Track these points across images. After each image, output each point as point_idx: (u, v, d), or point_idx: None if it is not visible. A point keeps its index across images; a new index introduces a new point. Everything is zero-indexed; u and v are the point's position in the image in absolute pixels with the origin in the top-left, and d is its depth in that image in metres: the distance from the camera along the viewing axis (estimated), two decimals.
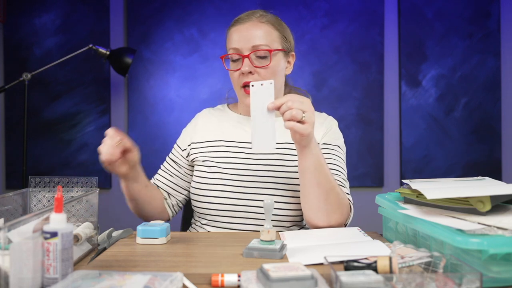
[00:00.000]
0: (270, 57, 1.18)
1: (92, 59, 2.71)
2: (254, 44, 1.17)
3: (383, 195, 1.07)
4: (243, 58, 1.17)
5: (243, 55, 1.17)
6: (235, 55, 1.19)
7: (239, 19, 1.23)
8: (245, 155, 1.23)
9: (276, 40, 1.21)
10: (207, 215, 1.22)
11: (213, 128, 1.31)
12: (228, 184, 1.20)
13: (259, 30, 1.19)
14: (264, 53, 1.17)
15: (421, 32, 2.80)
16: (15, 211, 0.98)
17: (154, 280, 0.67)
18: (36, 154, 2.74)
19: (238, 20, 1.23)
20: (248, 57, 1.17)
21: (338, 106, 2.77)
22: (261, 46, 1.17)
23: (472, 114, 2.80)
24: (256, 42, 1.17)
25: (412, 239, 0.89)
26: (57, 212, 0.68)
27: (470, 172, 2.76)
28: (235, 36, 1.20)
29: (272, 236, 0.88)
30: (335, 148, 1.25)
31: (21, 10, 2.74)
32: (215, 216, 1.21)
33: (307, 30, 2.77)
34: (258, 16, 1.21)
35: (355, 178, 2.73)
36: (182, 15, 2.77)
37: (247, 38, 1.18)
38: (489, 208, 0.82)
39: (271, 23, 1.21)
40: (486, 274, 0.69)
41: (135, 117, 2.77)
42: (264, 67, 1.18)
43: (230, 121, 1.31)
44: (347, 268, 0.74)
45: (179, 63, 2.77)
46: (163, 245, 0.98)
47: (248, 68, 1.17)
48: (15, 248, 0.62)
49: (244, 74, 1.18)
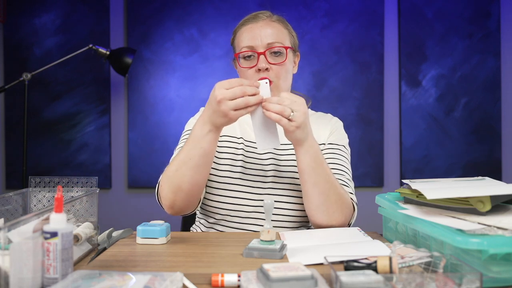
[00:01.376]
0: (286, 53, 1.20)
1: (92, 59, 2.71)
2: (269, 41, 1.18)
3: (383, 195, 1.07)
4: (258, 55, 1.18)
5: (258, 52, 1.18)
6: (249, 52, 1.19)
7: (249, 19, 1.24)
8: (256, 155, 1.23)
9: (287, 38, 1.23)
10: (216, 214, 1.21)
11: None
12: (241, 184, 1.20)
13: (272, 29, 1.21)
14: (278, 50, 1.19)
15: (421, 32, 2.80)
16: (15, 211, 0.98)
17: (154, 280, 0.67)
18: (36, 154, 2.74)
19: (248, 19, 1.24)
20: (264, 54, 1.18)
21: (338, 106, 2.77)
22: (276, 44, 1.19)
23: (472, 114, 2.80)
24: (271, 40, 1.18)
25: (412, 239, 0.89)
26: (57, 212, 0.68)
27: (470, 172, 2.76)
28: (248, 34, 1.20)
29: (272, 236, 0.88)
30: (340, 148, 1.26)
31: (21, 10, 2.74)
32: (224, 216, 1.20)
33: (307, 30, 2.77)
34: (268, 16, 1.24)
35: (355, 178, 2.70)
36: (182, 15, 2.77)
37: (261, 36, 1.19)
38: (489, 208, 0.82)
39: (281, 22, 1.25)
40: (486, 274, 0.69)
41: (135, 117, 2.77)
42: (279, 63, 1.19)
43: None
44: (347, 268, 0.74)
45: (179, 63, 2.77)
46: (163, 245, 0.98)
47: (264, 64, 1.17)
48: (15, 248, 0.62)
49: (261, 71, 1.18)
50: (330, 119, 1.34)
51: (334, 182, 1.09)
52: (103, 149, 2.77)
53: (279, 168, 1.22)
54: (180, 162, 1.07)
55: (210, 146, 1.06)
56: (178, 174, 1.07)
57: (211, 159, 1.10)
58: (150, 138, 2.77)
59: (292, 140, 1.05)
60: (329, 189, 1.08)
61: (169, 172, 1.09)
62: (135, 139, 2.77)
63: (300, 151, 1.06)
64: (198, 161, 1.06)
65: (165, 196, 1.10)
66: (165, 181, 1.10)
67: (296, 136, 1.02)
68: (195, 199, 1.13)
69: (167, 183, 1.09)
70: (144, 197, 2.79)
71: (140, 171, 2.76)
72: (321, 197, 1.08)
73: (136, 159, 2.76)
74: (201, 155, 1.06)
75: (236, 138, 1.26)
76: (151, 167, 2.76)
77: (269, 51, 1.18)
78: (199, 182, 1.10)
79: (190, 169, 1.06)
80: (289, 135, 1.03)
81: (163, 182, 1.11)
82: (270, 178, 1.21)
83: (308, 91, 2.76)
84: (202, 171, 1.09)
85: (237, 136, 1.26)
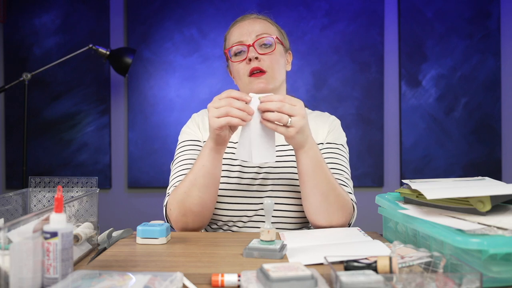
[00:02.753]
0: (274, 44, 1.22)
1: (92, 59, 2.71)
2: (257, 34, 1.21)
3: (383, 195, 1.07)
4: (248, 47, 1.20)
5: (247, 45, 1.20)
6: (239, 46, 1.22)
7: (237, 20, 1.29)
8: None
9: (275, 31, 1.27)
10: (219, 221, 1.21)
11: None
12: (240, 189, 1.19)
13: (260, 23, 1.25)
14: (267, 40, 1.21)
15: (421, 32, 2.80)
16: (15, 211, 0.98)
17: (154, 280, 0.67)
18: (36, 154, 2.74)
19: (236, 21, 1.29)
20: (253, 45, 1.20)
21: (338, 106, 2.77)
22: (264, 35, 1.21)
23: (472, 114, 2.80)
24: (259, 32, 1.22)
25: (412, 239, 0.89)
26: (57, 212, 0.68)
27: (470, 172, 2.76)
28: (236, 32, 1.24)
29: (272, 236, 0.88)
30: (339, 147, 1.26)
31: (21, 10, 2.75)
32: (227, 222, 1.20)
33: (307, 30, 2.78)
34: (255, 14, 1.29)
35: (355, 178, 2.73)
36: (182, 15, 2.77)
37: (249, 30, 1.22)
38: (489, 208, 0.82)
39: (269, 20, 1.29)
40: (486, 274, 0.69)
41: (135, 117, 2.77)
42: (269, 53, 1.20)
43: None
44: (347, 268, 0.74)
45: (179, 63, 2.77)
46: (163, 245, 0.98)
47: (254, 53, 1.19)
48: (15, 248, 0.62)
49: (251, 61, 1.19)
50: (327, 117, 1.33)
51: (334, 183, 1.09)
52: (103, 149, 2.77)
53: (278, 170, 1.21)
54: (187, 184, 1.09)
55: (212, 165, 1.07)
56: (186, 196, 1.09)
57: (216, 179, 1.10)
58: (150, 138, 2.77)
59: (291, 144, 1.05)
60: (329, 190, 1.07)
61: (178, 196, 1.10)
62: (135, 139, 2.77)
63: (300, 154, 1.06)
64: (204, 181, 1.08)
65: (176, 219, 1.12)
66: (173, 205, 1.12)
67: (296, 140, 1.02)
68: (205, 219, 1.14)
69: (176, 206, 1.11)
70: (144, 197, 2.79)
71: (140, 171, 2.76)
72: (321, 198, 1.07)
73: (136, 159, 2.76)
74: (204, 176, 1.07)
75: (232, 143, 1.26)
76: (151, 167, 2.76)
77: (257, 43, 1.21)
78: (207, 203, 1.11)
79: (197, 190, 1.08)
80: (289, 139, 1.03)
81: (171, 205, 1.12)
82: (270, 180, 1.20)
83: (308, 91, 2.76)
84: (210, 192, 1.10)
85: (233, 141, 1.26)
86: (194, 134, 1.28)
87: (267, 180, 1.21)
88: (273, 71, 1.20)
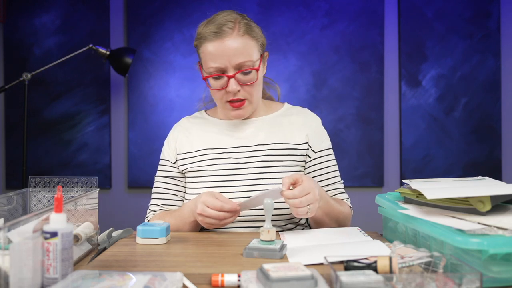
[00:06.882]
0: (257, 74, 1.17)
1: (92, 59, 2.71)
2: (238, 62, 1.13)
3: (383, 195, 1.07)
4: (228, 78, 1.14)
5: (228, 76, 1.14)
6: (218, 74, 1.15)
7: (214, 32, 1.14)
8: (233, 160, 1.22)
9: (256, 50, 1.17)
10: None
11: (196, 137, 1.27)
12: (222, 192, 1.18)
13: (239, 45, 1.13)
14: (249, 69, 1.14)
15: (421, 32, 2.80)
16: (15, 211, 0.98)
17: (154, 280, 0.67)
18: (36, 154, 2.74)
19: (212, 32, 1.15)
20: (234, 77, 1.14)
21: (338, 106, 2.77)
22: (246, 63, 1.14)
23: (472, 114, 2.80)
24: (240, 59, 1.13)
25: (412, 239, 0.89)
26: (57, 212, 0.68)
27: (470, 172, 2.76)
28: (215, 52, 1.14)
29: (272, 236, 0.88)
30: (328, 153, 1.28)
31: (21, 10, 2.74)
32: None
33: (307, 30, 2.77)
34: (232, 27, 1.14)
35: (355, 178, 2.73)
36: (182, 15, 2.77)
37: (230, 56, 1.12)
38: (489, 208, 0.82)
39: (248, 32, 1.16)
40: (486, 274, 0.69)
41: (135, 117, 2.77)
42: (250, 84, 1.16)
43: (212, 128, 1.28)
44: (347, 268, 0.74)
45: (179, 63, 2.77)
46: (163, 245, 0.98)
47: (235, 86, 1.14)
48: (15, 248, 0.62)
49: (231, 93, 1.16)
50: (305, 117, 1.30)
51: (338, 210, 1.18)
52: (103, 149, 2.77)
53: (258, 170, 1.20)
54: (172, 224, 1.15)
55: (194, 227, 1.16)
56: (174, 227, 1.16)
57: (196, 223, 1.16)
58: (150, 138, 2.77)
59: None
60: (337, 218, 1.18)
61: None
62: (135, 139, 2.77)
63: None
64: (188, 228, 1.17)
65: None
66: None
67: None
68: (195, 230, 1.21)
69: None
70: (144, 197, 2.79)
71: (140, 171, 2.76)
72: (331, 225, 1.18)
73: (136, 159, 2.76)
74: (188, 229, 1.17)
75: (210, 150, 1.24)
76: (151, 167, 2.76)
77: (239, 74, 1.14)
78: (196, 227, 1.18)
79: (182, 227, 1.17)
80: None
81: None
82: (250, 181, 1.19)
83: (308, 91, 2.76)
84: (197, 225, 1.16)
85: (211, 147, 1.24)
86: (169, 155, 1.30)
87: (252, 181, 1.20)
88: (252, 98, 1.19)
